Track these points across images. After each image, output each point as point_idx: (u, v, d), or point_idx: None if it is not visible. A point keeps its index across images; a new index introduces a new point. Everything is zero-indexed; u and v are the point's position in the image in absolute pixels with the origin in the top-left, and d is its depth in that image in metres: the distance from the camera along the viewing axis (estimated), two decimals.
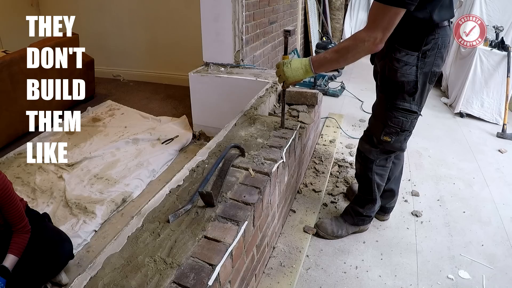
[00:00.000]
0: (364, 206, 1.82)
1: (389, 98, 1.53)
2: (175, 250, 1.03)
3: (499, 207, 2.19)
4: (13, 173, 2.44)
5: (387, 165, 1.75)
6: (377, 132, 1.62)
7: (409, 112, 1.51)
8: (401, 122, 1.53)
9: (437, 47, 1.41)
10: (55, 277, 1.60)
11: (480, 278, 1.69)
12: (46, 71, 3.09)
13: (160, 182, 2.42)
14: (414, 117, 1.53)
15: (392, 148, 1.63)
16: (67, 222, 1.98)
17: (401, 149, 1.65)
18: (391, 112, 1.54)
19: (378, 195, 1.80)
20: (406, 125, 1.54)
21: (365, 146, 1.72)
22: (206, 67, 2.87)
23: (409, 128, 1.56)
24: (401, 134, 1.57)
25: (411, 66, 1.43)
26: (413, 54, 1.41)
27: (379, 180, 1.76)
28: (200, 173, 1.43)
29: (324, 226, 1.89)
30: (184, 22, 3.91)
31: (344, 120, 3.31)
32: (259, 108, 2.07)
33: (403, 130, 1.56)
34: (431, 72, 1.45)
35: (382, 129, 1.58)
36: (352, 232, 1.91)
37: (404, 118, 1.52)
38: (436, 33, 1.38)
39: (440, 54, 1.43)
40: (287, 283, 1.59)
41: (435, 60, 1.43)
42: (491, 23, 3.53)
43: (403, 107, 1.50)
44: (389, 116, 1.55)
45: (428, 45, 1.40)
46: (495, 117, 3.39)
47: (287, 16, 4.01)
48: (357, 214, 1.85)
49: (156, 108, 3.61)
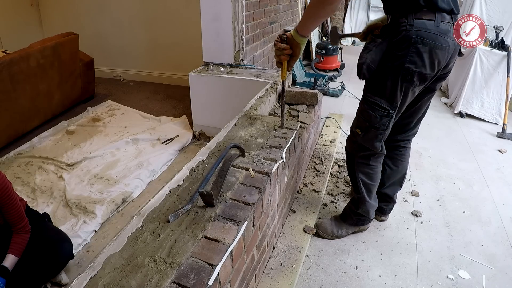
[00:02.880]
0: (358, 205, 1.82)
1: (364, 90, 1.57)
2: (175, 250, 1.03)
3: (499, 207, 2.19)
4: (13, 173, 2.44)
5: (372, 164, 1.70)
6: (353, 124, 1.67)
7: (379, 107, 1.50)
8: (369, 116, 1.53)
9: (409, 41, 1.33)
10: (55, 277, 1.60)
11: (480, 278, 1.69)
12: (46, 71, 3.10)
13: (160, 182, 2.42)
14: (384, 114, 1.50)
15: (364, 143, 1.62)
16: (67, 222, 1.98)
17: (374, 147, 1.61)
18: (363, 104, 1.57)
19: (367, 194, 1.76)
20: (375, 120, 1.52)
21: (348, 142, 1.76)
22: (206, 67, 2.87)
23: (379, 125, 1.53)
24: (371, 130, 1.55)
25: (369, 50, 1.45)
26: (376, 40, 1.44)
27: (364, 178, 1.73)
28: (200, 173, 1.43)
29: (324, 226, 1.89)
30: (184, 22, 3.91)
31: (344, 120, 3.31)
32: (259, 108, 2.06)
33: (372, 125, 1.54)
34: (404, 69, 1.38)
35: (356, 120, 1.63)
36: (352, 232, 1.91)
37: (372, 112, 1.51)
38: (408, 24, 1.32)
39: (415, 50, 1.34)
40: (287, 283, 1.59)
41: (409, 55, 1.35)
42: (491, 23, 3.53)
43: (372, 100, 1.51)
44: (361, 108, 1.59)
45: (397, 36, 1.35)
46: (495, 117, 3.39)
47: (287, 16, 4.01)
48: (355, 214, 1.85)
49: (156, 108, 3.61)
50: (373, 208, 1.85)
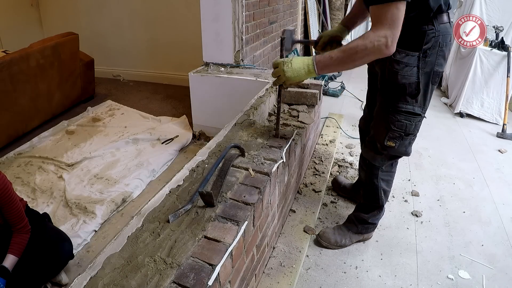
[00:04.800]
0: (369, 212, 1.79)
1: (390, 101, 1.49)
2: (175, 250, 1.03)
3: (499, 207, 2.19)
4: (13, 173, 2.44)
5: (393, 170, 1.73)
6: (380, 138, 1.57)
7: (413, 114, 1.47)
8: (404, 126, 1.49)
9: (438, 46, 1.37)
10: (55, 277, 1.60)
11: (480, 278, 1.69)
12: (46, 71, 3.10)
13: (160, 182, 2.42)
14: (418, 119, 1.49)
15: (397, 153, 1.59)
16: (67, 222, 1.98)
17: (406, 153, 1.59)
18: (394, 115, 1.49)
19: (385, 202, 1.77)
20: (410, 128, 1.50)
21: (369, 153, 1.66)
22: (206, 67, 2.87)
23: (414, 131, 1.52)
24: (406, 138, 1.53)
25: (412, 67, 1.39)
26: (414, 54, 1.38)
27: (385, 186, 1.72)
28: (200, 173, 1.43)
29: (327, 236, 1.84)
30: (184, 22, 3.91)
31: (344, 120, 3.31)
32: (259, 108, 2.06)
33: (407, 133, 1.51)
34: (433, 72, 1.42)
35: (386, 134, 1.53)
36: (356, 241, 1.87)
37: (407, 121, 1.48)
38: (436, 31, 1.35)
39: (442, 53, 1.39)
40: (287, 283, 1.59)
41: (437, 59, 1.39)
42: (491, 23, 3.53)
43: (406, 110, 1.46)
44: (392, 119, 1.50)
45: (429, 44, 1.36)
46: (495, 117, 3.39)
47: (287, 16, 4.01)
48: (361, 222, 1.81)
49: (156, 108, 3.61)
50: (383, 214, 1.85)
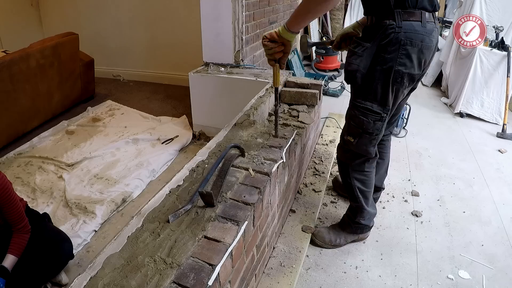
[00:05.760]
0: (356, 214, 1.76)
1: (352, 95, 1.52)
2: (175, 250, 1.03)
3: (499, 207, 2.19)
4: (13, 173, 2.44)
5: (367, 170, 1.66)
6: (343, 131, 1.61)
7: (371, 112, 1.45)
8: (361, 122, 1.48)
9: (399, 43, 1.32)
10: (55, 277, 1.60)
11: (480, 278, 1.69)
12: (46, 71, 3.10)
13: (160, 182, 2.42)
14: (377, 118, 1.46)
15: (357, 150, 1.57)
16: (67, 222, 1.98)
17: (368, 153, 1.56)
18: (353, 110, 1.51)
19: (364, 202, 1.72)
20: (368, 126, 1.47)
21: (339, 150, 1.70)
22: (206, 67, 2.87)
23: (372, 130, 1.48)
24: (364, 136, 1.50)
25: (358, 56, 1.39)
26: (364, 45, 1.38)
27: (360, 185, 1.69)
28: (200, 173, 1.43)
29: (321, 235, 1.83)
30: (184, 22, 3.91)
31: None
32: (259, 108, 2.06)
33: (365, 131, 1.49)
34: (394, 71, 1.36)
35: (347, 128, 1.58)
36: (351, 241, 1.85)
37: (364, 117, 1.47)
38: (396, 26, 1.31)
39: (405, 52, 1.33)
40: (287, 283, 1.59)
41: (398, 58, 1.34)
42: (491, 23, 3.53)
43: (363, 106, 1.46)
44: (351, 114, 1.52)
45: (387, 39, 1.33)
46: (495, 117, 3.39)
47: (287, 16, 4.01)
48: (354, 222, 1.79)
49: (156, 108, 3.61)
50: (373, 216, 1.81)
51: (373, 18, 1.40)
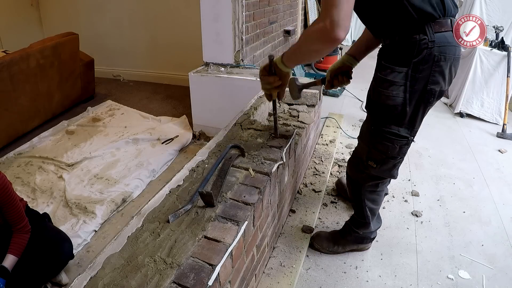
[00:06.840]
0: (359, 227, 1.70)
1: (373, 120, 1.34)
2: (175, 250, 1.03)
3: (499, 207, 2.19)
4: (13, 173, 2.44)
5: (379, 189, 1.57)
6: (362, 155, 1.44)
7: (398, 137, 1.30)
8: (386, 148, 1.33)
9: (432, 59, 1.16)
10: (55, 277, 1.60)
11: (480, 278, 1.69)
12: (46, 71, 3.10)
13: (160, 182, 2.42)
14: (404, 142, 1.32)
15: (379, 174, 1.44)
16: (67, 222, 1.98)
17: (391, 176, 1.45)
18: (375, 137, 1.34)
19: (372, 219, 1.66)
20: (393, 151, 1.33)
21: (352, 169, 1.56)
22: (206, 67, 2.87)
23: (398, 154, 1.35)
24: (388, 161, 1.37)
25: (399, 86, 1.21)
26: (401, 70, 1.20)
27: (371, 204, 1.61)
28: (200, 173, 1.43)
29: (320, 239, 1.79)
30: (184, 22, 3.91)
31: (344, 120, 3.31)
32: (259, 108, 2.06)
33: (390, 157, 1.35)
34: (426, 91, 1.22)
35: (367, 152, 1.40)
36: (350, 250, 1.79)
37: (390, 143, 1.31)
38: (429, 41, 1.15)
39: (438, 69, 1.18)
40: (287, 283, 1.59)
41: (431, 76, 1.19)
42: (491, 23, 3.54)
43: (390, 131, 1.30)
44: (373, 140, 1.35)
45: (419, 56, 1.17)
46: (495, 117, 3.39)
47: (287, 16, 4.02)
48: (355, 232, 1.73)
49: (156, 108, 3.61)
50: (377, 228, 1.76)
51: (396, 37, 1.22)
